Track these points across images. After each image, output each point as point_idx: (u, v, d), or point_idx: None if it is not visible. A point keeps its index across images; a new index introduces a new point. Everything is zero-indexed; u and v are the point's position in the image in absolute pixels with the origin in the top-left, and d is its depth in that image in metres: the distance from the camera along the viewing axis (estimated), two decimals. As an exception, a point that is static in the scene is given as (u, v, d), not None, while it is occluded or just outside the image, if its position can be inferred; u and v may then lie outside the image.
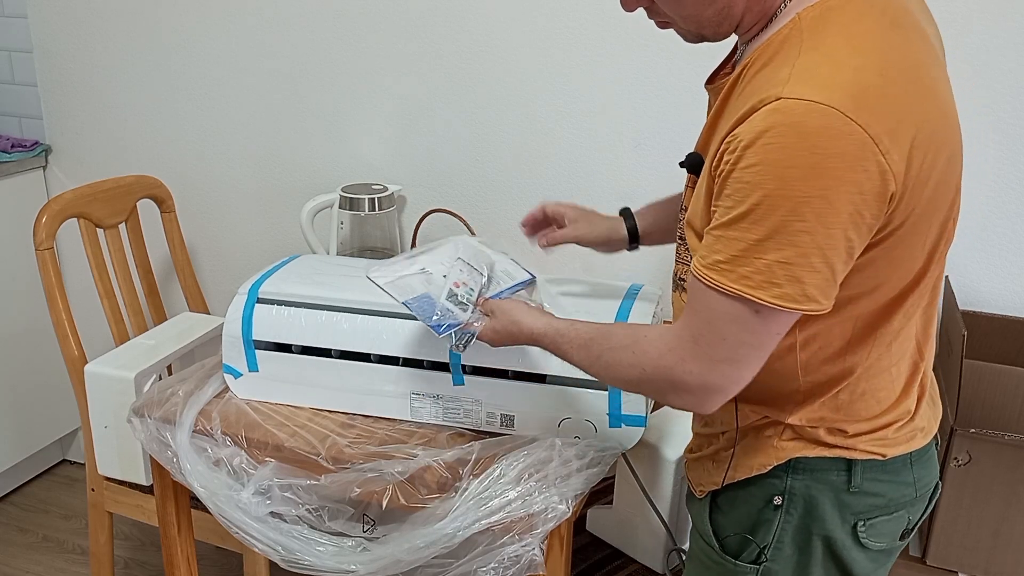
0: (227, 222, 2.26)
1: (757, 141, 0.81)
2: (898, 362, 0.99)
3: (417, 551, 1.23)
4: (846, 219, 0.82)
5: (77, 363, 1.76)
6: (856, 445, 0.99)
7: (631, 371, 0.97)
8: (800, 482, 1.00)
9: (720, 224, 0.85)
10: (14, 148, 2.29)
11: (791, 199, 0.80)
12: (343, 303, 1.39)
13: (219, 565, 2.22)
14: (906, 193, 0.84)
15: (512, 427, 1.36)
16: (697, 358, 0.90)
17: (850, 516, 1.01)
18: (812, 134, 0.79)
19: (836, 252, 0.83)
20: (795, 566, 1.03)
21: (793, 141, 0.79)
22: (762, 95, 0.83)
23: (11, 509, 2.46)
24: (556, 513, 1.20)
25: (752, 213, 0.82)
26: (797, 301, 0.84)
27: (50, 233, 1.79)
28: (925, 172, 0.85)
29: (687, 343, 0.91)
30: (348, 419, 1.41)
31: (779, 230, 0.81)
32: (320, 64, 2.05)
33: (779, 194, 0.80)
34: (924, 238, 0.90)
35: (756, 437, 1.03)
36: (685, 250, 1.03)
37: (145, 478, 1.64)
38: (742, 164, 0.82)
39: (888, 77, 0.82)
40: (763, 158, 0.81)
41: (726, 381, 0.90)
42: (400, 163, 2.05)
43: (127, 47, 2.21)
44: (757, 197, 0.81)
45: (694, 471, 1.13)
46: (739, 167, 0.83)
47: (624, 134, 1.87)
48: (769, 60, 0.87)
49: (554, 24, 1.85)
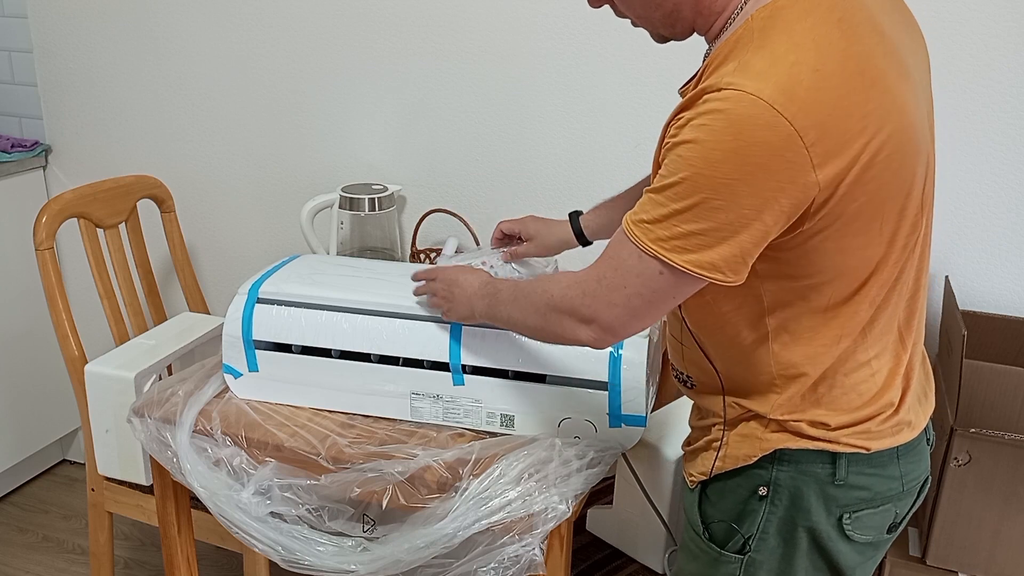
0: (227, 222, 2.26)
1: (693, 121, 0.87)
2: (878, 355, 1.01)
3: (417, 551, 1.23)
4: (761, 203, 0.87)
5: (77, 363, 1.76)
6: (839, 439, 1.01)
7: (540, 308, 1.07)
8: (785, 473, 1.02)
9: (653, 188, 0.92)
10: (14, 148, 2.29)
11: (713, 179, 0.86)
12: (343, 303, 1.39)
13: (219, 565, 2.22)
14: (843, 182, 0.88)
15: (512, 427, 1.36)
16: (595, 296, 0.98)
17: (835, 508, 1.02)
18: (739, 122, 0.85)
19: (748, 232, 0.88)
20: (780, 557, 1.05)
21: (722, 126, 0.85)
22: (711, 82, 0.89)
23: (11, 509, 2.46)
24: (556, 513, 1.20)
25: (678, 185, 0.88)
26: (704, 268, 0.90)
27: (50, 233, 1.79)
28: (868, 161, 0.88)
29: (592, 281, 0.99)
30: (348, 419, 1.41)
31: (699, 204, 0.88)
32: (320, 64, 2.05)
33: (704, 173, 0.86)
34: (879, 225, 0.93)
35: (743, 428, 1.05)
36: None
37: (145, 478, 1.64)
38: (678, 139, 0.89)
39: (825, 72, 0.86)
40: (695, 137, 0.87)
41: (616, 323, 0.98)
42: (400, 163, 2.05)
43: (127, 47, 2.21)
44: (685, 172, 0.88)
45: (688, 462, 1.15)
46: (676, 142, 0.89)
47: (624, 134, 1.87)
48: (724, 59, 0.91)
49: (554, 24, 1.85)
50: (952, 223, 1.67)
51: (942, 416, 1.46)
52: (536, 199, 1.96)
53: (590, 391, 1.30)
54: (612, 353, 1.29)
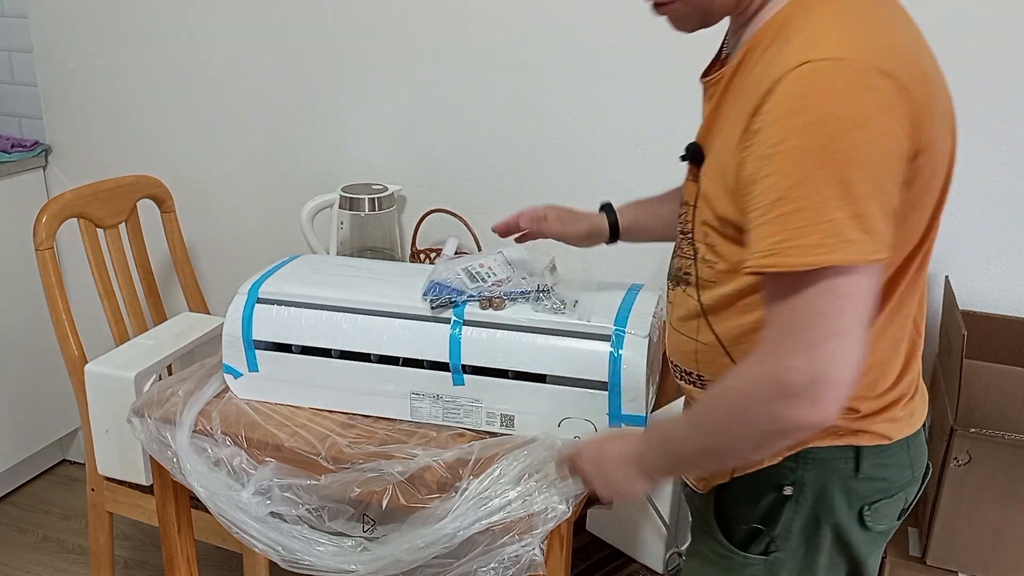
0: (227, 222, 2.26)
1: (794, 108, 0.81)
2: (901, 336, 1.00)
3: (417, 551, 1.23)
4: (894, 165, 0.83)
5: (77, 363, 1.76)
6: (867, 427, 1.00)
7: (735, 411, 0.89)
8: (810, 472, 1.01)
9: (769, 204, 0.83)
10: (14, 148, 2.29)
11: (842, 152, 0.80)
12: (343, 303, 1.39)
13: (219, 565, 2.22)
14: (927, 146, 0.86)
15: (512, 427, 1.36)
16: (794, 350, 0.83)
17: (856, 502, 1.02)
18: (848, 88, 0.80)
19: (889, 197, 0.83)
20: (803, 555, 1.04)
21: (830, 98, 0.80)
22: (781, 68, 0.83)
23: (11, 509, 2.46)
24: (556, 513, 1.20)
25: (807, 180, 0.81)
26: (878, 251, 0.82)
27: (50, 233, 1.79)
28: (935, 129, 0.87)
29: (780, 340, 0.85)
30: (348, 419, 1.41)
31: (838, 186, 0.80)
32: (320, 64, 2.05)
33: (830, 149, 0.80)
34: (933, 196, 0.92)
35: None
36: (688, 244, 1.04)
37: (145, 478, 1.64)
38: (779, 136, 0.82)
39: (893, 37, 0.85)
40: (805, 121, 0.81)
41: (834, 364, 0.82)
42: (400, 163, 2.05)
43: (127, 47, 2.21)
44: (809, 160, 0.80)
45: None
46: (776, 140, 0.82)
47: (624, 134, 1.87)
48: (773, 40, 0.88)
49: (554, 24, 1.85)
50: (952, 223, 1.67)
51: (942, 416, 1.46)
52: (536, 199, 1.96)
53: (590, 391, 1.30)
54: (612, 353, 1.29)
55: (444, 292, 1.35)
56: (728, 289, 0.98)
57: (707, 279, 1.01)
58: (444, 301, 1.35)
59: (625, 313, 1.34)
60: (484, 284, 1.37)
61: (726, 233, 0.96)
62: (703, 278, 1.02)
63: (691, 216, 1.03)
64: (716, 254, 0.99)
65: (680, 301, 1.08)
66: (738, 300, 0.98)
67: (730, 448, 0.93)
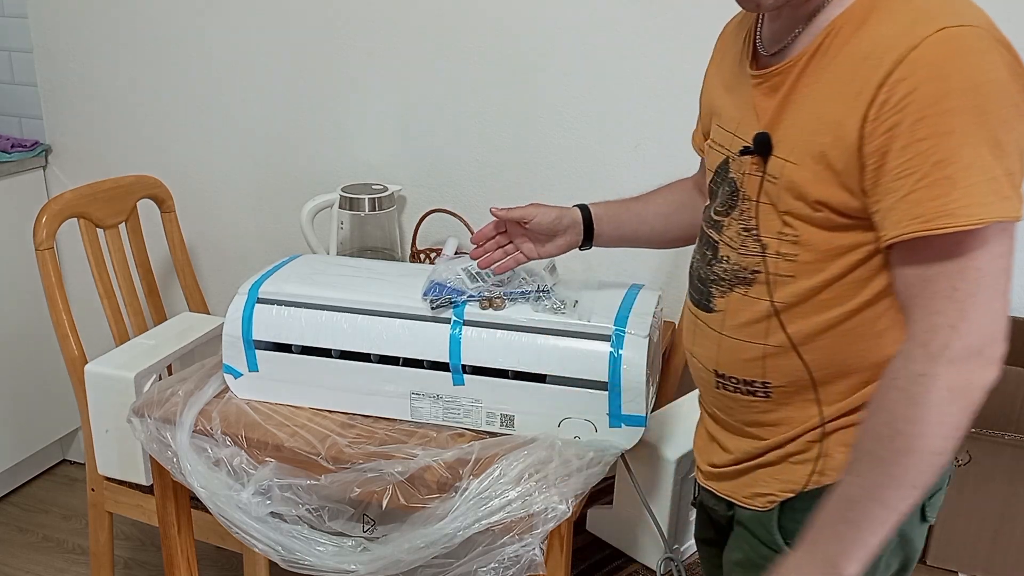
0: (227, 222, 2.26)
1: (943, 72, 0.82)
2: None
3: (417, 551, 1.23)
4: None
5: (77, 363, 1.76)
6: None
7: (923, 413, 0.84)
8: None
9: (929, 167, 0.83)
10: (14, 148, 2.29)
11: (993, 113, 0.82)
12: (343, 303, 1.39)
13: (219, 565, 2.22)
14: None
15: (512, 427, 1.36)
16: (966, 316, 0.82)
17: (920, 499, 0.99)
18: (989, 51, 0.83)
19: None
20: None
21: (976, 60, 0.82)
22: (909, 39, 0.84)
23: (11, 509, 2.46)
24: (556, 513, 1.20)
25: (968, 140, 0.81)
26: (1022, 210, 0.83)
27: (50, 233, 1.79)
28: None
29: (946, 311, 0.83)
30: (348, 419, 1.41)
31: (995, 146, 0.82)
32: (320, 64, 2.05)
33: (985, 110, 0.82)
34: None
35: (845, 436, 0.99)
36: (754, 240, 0.99)
37: (145, 478, 1.64)
38: (929, 99, 0.82)
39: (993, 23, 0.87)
40: (957, 84, 0.82)
41: (1001, 323, 0.83)
42: (400, 163, 2.05)
43: (127, 47, 2.21)
44: (967, 122, 0.82)
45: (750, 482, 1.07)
46: (926, 103, 0.83)
47: (624, 134, 1.87)
48: (865, 18, 0.89)
49: (554, 25, 1.85)
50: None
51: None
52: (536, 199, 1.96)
53: (590, 391, 1.30)
54: (612, 353, 1.29)
55: (444, 292, 1.35)
56: (812, 282, 0.95)
57: (783, 274, 0.97)
58: (444, 301, 1.35)
59: (625, 313, 1.34)
60: (484, 284, 1.37)
61: (815, 219, 0.93)
62: (778, 273, 0.98)
63: (755, 211, 0.99)
64: (798, 245, 0.96)
65: (739, 305, 1.02)
66: (818, 294, 0.95)
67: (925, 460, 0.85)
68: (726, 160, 1.06)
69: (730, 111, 1.07)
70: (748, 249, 1.01)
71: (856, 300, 0.95)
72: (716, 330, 1.06)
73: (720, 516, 1.16)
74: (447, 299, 1.35)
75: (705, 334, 1.08)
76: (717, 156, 1.08)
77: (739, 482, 1.09)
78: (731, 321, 1.04)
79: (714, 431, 1.14)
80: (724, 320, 1.05)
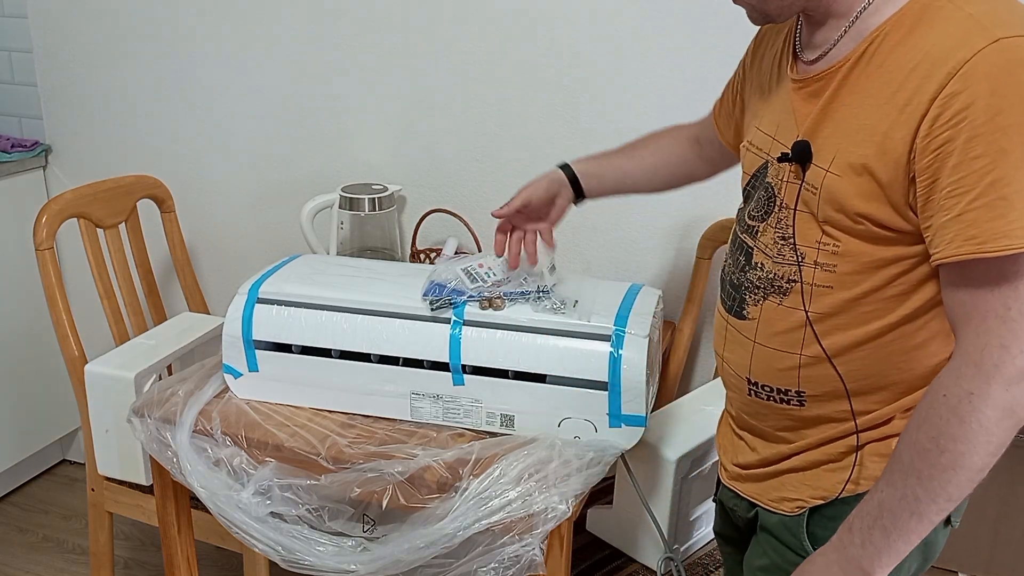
0: (227, 222, 2.26)
1: (999, 87, 0.80)
2: None
3: (417, 551, 1.23)
4: None
5: (77, 363, 1.76)
6: None
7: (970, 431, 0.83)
8: None
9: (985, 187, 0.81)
10: (14, 148, 2.29)
11: None
12: (343, 303, 1.39)
13: (219, 565, 2.22)
14: None
15: (512, 427, 1.36)
16: (1018, 336, 0.82)
17: None
18: None
19: None
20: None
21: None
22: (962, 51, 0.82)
23: (11, 509, 2.46)
24: (556, 513, 1.20)
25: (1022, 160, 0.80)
26: None
27: (50, 233, 1.79)
28: None
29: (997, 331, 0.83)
30: (348, 419, 1.41)
31: None
32: (320, 64, 2.05)
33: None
34: None
35: (882, 448, 0.99)
36: (790, 249, 0.98)
37: (145, 478, 1.64)
38: (986, 115, 0.80)
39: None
40: (1011, 101, 0.79)
41: None
42: (400, 163, 2.05)
43: (127, 47, 2.21)
44: (1020, 140, 0.79)
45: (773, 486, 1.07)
46: (982, 120, 0.80)
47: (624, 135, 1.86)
48: (911, 29, 0.87)
49: (554, 25, 1.85)
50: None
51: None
52: (536, 199, 1.97)
53: (590, 391, 1.30)
54: (612, 353, 1.29)
55: (444, 292, 1.35)
56: (851, 293, 0.94)
57: (821, 284, 0.96)
58: (444, 301, 1.35)
59: (625, 313, 1.34)
60: (484, 284, 1.37)
61: (857, 232, 0.92)
62: (815, 283, 0.96)
63: (792, 220, 0.97)
64: (837, 256, 0.94)
65: (773, 315, 1.01)
66: (856, 307, 0.95)
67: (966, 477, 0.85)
68: (765, 164, 1.04)
69: (769, 114, 1.05)
70: (784, 258, 0.99)
71: (896, 313, 0.94)
72: (749, 338, 1.04)
73: (740, 516, 1.16)
74: (447, 299, 1.35)
75: (737, 341, 1.07)
76: (755, 160, 1.06)
77: (766, 485, 1.09)
78: (765, 330, 1.02)
79: (741, 432, 1.13)
80: (758, 328, 1.03)
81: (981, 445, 0.83)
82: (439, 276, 1.38)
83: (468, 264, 1.40)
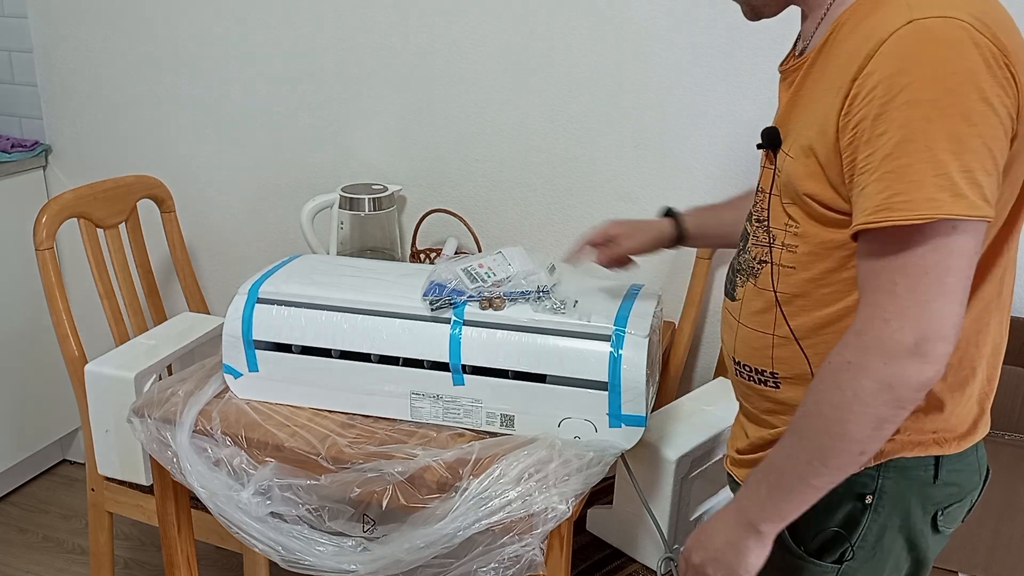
0: (227, 222, 2.26)
1: (904, 66, 0.81)
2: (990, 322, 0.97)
3: (417, 551, 1.23)
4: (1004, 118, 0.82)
5: (77, 363, 1.76)
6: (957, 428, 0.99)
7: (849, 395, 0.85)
8: (891, 480, 0.99)
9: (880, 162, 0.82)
10: (14, 148, 2.29)
11: (954, 107, 0.80)
12: (343, 303, 1.39)
13: (219, 565, 2.22)
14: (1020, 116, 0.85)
15: (512, 427, 1.36)
16: (902, 310, 0.82)
17: (931, 507, 1.01)
18: (958, 43, 0.80)
19: (995, 156, 0.82)
20: (874, 560, 1.02)
21: (944, 52, 0.80)
22: (884, 30, 0.83)
23: (11, 509, 2.46)
24: (556, 513, 1.20)
25: (920, 134, 0.80)
26: (986, 208, 0.81)
27: (50, 233, 1.78)
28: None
29: (884, 303, 0.83)
30: (348, 419, 1.41)
31: (951, 140, 0.80)
32: (320, 64, 2.05)
33: (943, 104, 0.80)
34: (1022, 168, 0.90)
35: None
36: (764, 231, 1.02)
37: (145, 478, 1.64)
38: (890, 92, 0.82)
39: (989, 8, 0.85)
40: (916, 76, 0.80)
41: (942, 322, 0.82)
42: (400, 163, 2.05)
43: (127, 47, 2.21)
44: (921, 115, 0.80)
45: None
46: (887, 97, 0.82)
47: (625, 135, 1.87)
48: (867, 15, 0.88)
49: (554, 25, 1.85)
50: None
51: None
52: (536, 199, 1.97)
53: (590, 391, 1.30)
54: (612, 353, 1.29)
55: (444, 292, 1.35)
56: (809, 274, 0.97)
57: (786, 264, 0.99)
58: (444, 301, 1.35)
59: (625, 313, 1.34)
60: (484, 284, 1.37)
61: (810, 212, 0.95)
62: (782, 264, 1.00)
63: (767, 203, 1.02)
64: (798, 237, 0.97)
65: (751, 295, 1.05)
66: (818, 288, 0.97)
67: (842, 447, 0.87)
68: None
69: None
70: (759, 240, 1.04)
71: (852, 296, 0.95)
72: (735, 318, 1.08)
73: None
74: (447, 299, 1.35)
75: (728, 322, 1.12)
76: None
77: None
78: (745, 310, 1.06)
79: (740, 417, 1.17)
80: (741, 309, 1.07)
81: (856, 415, 0.85)
82: (439, 276, 1.38)
83: (468, 264, 1.40)
